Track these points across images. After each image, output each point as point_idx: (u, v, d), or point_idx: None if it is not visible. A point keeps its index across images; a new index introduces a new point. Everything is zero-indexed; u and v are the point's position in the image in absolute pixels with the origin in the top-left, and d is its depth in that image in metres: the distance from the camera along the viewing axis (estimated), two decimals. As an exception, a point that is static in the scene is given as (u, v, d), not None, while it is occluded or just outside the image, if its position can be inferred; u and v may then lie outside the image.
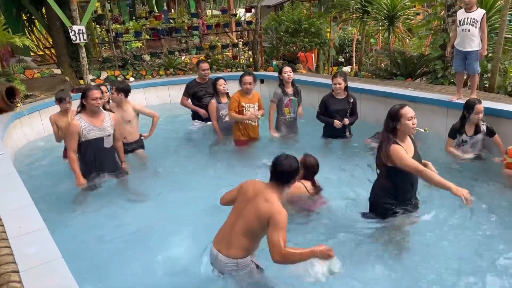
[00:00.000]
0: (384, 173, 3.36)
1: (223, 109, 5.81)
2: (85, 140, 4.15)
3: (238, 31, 14.34)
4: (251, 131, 5.65)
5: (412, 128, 3.25)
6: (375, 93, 6.77)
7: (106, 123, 4.26)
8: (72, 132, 4.09)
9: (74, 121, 4.11)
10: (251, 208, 2.75)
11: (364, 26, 9.96)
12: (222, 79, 5.82)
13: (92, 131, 4.16)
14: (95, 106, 4.10)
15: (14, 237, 2.75)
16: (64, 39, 9.18)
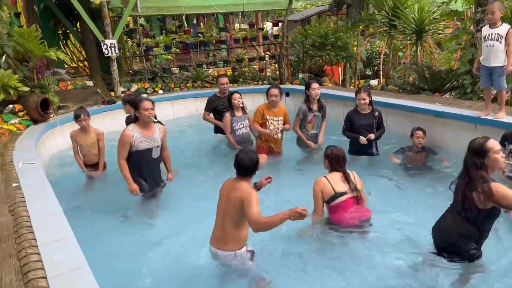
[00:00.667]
0: (473, 216, 2.89)
1: (237, 123, 5.91)
2: (136, 150, 4.26)
3: (264, 44, 14.49)
4: (273, 144, 5.73)
5: (502, 162, 2.88)
6: (402, 107, 6.69)
7: (156, 135, 4.39)
8: (124, 141, 4.20)
9: (126, 131, 4.22)
10: (228, 203, 3.19)
11: (391, 40, 9.87)
12: (237, 93, 5.93)
13: (143, 142, 4.28)
14: (147, 116, 4.20)
15: (43, 244, 2.86)
16: (97, 52, 9.51)
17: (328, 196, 3.74)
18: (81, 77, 11.09)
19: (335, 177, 3.81)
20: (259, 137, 5.79)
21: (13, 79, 6.44)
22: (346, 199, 3.73)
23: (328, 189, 3.74)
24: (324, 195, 3.75)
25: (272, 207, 4.45)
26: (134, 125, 4.29)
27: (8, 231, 3.22)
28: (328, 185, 3.75)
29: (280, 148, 5.87)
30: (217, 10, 12.61)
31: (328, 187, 3.74)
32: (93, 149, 5.39)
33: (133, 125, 4.29)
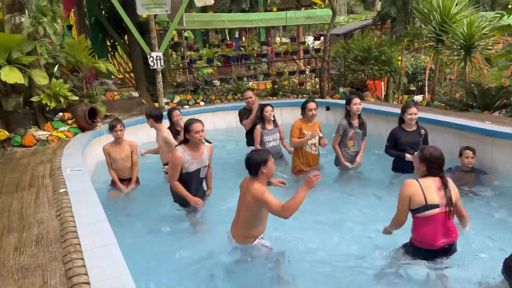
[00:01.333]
0: None
1: (267, 136, 5.91)
2: (186, 172, 4.23)
3: (305, 58, 14.47)
4: (311, 160, 5.58)
5: None
6: (450, 125, 6.41)
7: (205, 155, 4.34)
8: (176, 164, 4.16)
9: (178, 153, 4.16)
10: (243, 203, 3.48)
11: (438, 55, 9.58)
12: (269, 106, 5.93)
13: (193, 164, 4.24)
14: (199, 139, 4.15)
15: (87, 250, 2.92)
16: (143, 64, 9.82)
17: (417, 205, 3.21)
18: (127, 88, 11.48)
19: (430, 184, 3.22)
20: (295, 156, 5.60)
21: (64, 88, 6.74)
22: (438, 214, 3.19)
23: (419, 198, 3.19)
24: (412, 203, 3.23)
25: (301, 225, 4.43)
26: (184, 147, 4.22)
27: (54, 235, 3.32)
28: (420, 193, 3.19)
29: (317, 162, 5.72)
30: (259, 24, 12.76)
31: (419, 195, 3.19)
32: (127, 163, 5.25)
33: (183, 146, 4.23)
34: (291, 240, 4.16)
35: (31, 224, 3.59)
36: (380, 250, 3.82)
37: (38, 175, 4.95)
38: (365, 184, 5.60)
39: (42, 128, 6.67)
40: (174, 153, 4.20)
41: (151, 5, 8.69)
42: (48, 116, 6.86)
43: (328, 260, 3.83)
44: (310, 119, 5.43)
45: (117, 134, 5.14)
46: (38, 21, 6.54)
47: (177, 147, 4.27)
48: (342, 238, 4.22)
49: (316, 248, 4.03)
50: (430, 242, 3.25)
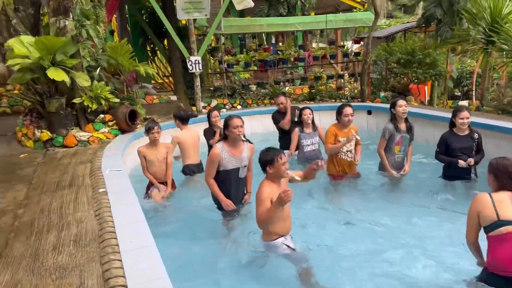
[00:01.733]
0: None
1: (305, 139, 5.74)
2: (223, 169, 4.10)
3: (345, 62, 14.16)
4: (346, 167, 5.24)
5: None
6: (504, 130, 5.99)
7: (244, 154, 4.17)
8: (213, 160, 4.06)
9: (216, 149, 4.06)
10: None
11: (487, 57, 9.06)
12: (308, 109, 5.76)
13: (231, 161, 4.09)
14: (237, 134, 4.01)
15: (125, 251, 2.83)
16: (182, 68, 9.88)
17: (487, 221, 2.83)
18: (165, 92, 11.59)
19: (504, 198, 2.84)
20: (330, 162, 5.28)
21: (105, 90, 6.82)
22: None
23: (489, 213, 2.81)
24: (482, 220, 2.86)
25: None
26: (223, 143, 4.10)
27: (93, 235, 3.27)
28: (491, 207, 2.82)
29: (354, 170, 5.37)
30: (298, 28, 12.58)
31: (489, 209, 2.81)
32: (163, 165, 5.11)
33: (222, 143, 4.11)
34: (328, 248, 3.97)
35: (70, 223, 3.56)
36: (436, 273, 3.49)
37: (78, 175, 4.97)
38: (412, 192, 5.25)
39: (84, 129, 6.76)
40: (212, 150, 4.12)
41: (191, 10, 8.73)
42: (90, 117, 6.96)
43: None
44: (346, 125, 5.09)
45: (154, 136, 5.02)
46: (81, 24, 6.66)
47: (216, 143, 4.18)
48: (381, 255, 3.88)
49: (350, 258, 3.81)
50: (506, 266, 2.77)
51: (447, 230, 4.21)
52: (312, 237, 4.14)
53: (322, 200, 5.18)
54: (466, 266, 3.47)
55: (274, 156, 3.37)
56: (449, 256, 3.73)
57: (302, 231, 4.18)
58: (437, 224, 4.39)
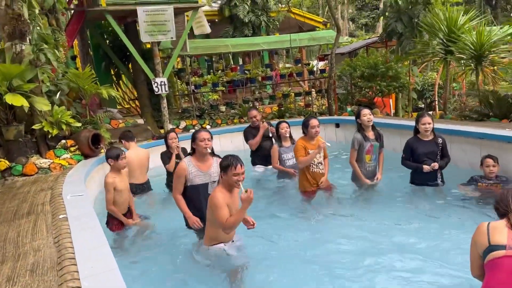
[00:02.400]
0: None
1: (285, 153, 5.73)
2: (191, 185, 3.97)
3: (311, 79, 14.37)
4: (319, 179, 5.18)
5: None
6: (468, 134, 6.12)
7: (213, 169, 4.01)
8: (179, 175, 3.95)
9: (183, 164, 3.96)
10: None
11: (447, 66, 9.37)
12: (285, 123, 5.78)
13: (198, 176, 3.96)
14: (204, 148, 3.90)
15: (85, 277, 2.63)
16: (147, 91, 9.74)
17: (481, 249, 2.57)
18: (132, 116, 11.36)
19: (499, 225, 2.58)
20: (303, 177, 5.19)
21: (66, 115, 6.58)
22: (503, 257, 2.42)
23: (483, 240, 2.56)
24: (479, 249, 2.59)
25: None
26: (191, 158, 4.00)
27: (51, 263, 3.04)
28: (485, 234, 2.56)
29: (327, 182, 5.30)
30: (263, 47, 12.71)
31: (483, 236, 2.56)
32: (129, 193, 4.80)
33: (189, 158, 4.01)
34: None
35: (26, 252, 3.31)
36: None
37: (37, 203, 4.69)
38: (383, 199, 5.27)
39: (44, 156, 6.47)
40: (179, 164, 4.02)
41: (155, 32, 8.66)
42: (50, 144, 6.68)
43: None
44: (313, 137, 5.08)
45: (124, 163, 4.61)
46: (39, 48, 6.46)
47: (184, 158, 4.13)
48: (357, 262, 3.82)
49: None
50: None
51: (419, 234, 4.24)
52: (272, 243, 4.21)
53: (292, 208, 5.22)
54: (434, 269, 3.53)
55: (229, 164, 3.37)
56: (419, 259, 3.73)
57: (263, 237, 4.23)
58: (408, 228, 4.41)
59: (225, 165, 3.38)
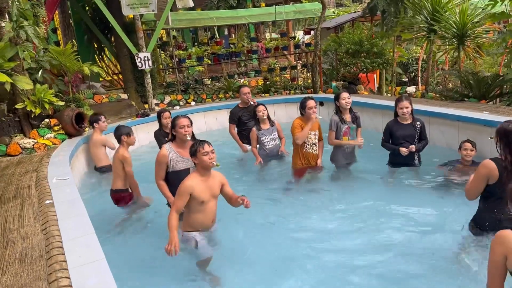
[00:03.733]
0: None
1: (264, 136, 5.71)
2: (173, 170, 4.04)
3: (296, 53, 14.31)
4: (311, 160, 5.35)
5: None
6: (446, 116, 6.28)
7: None
8: (160, 161, 4.00)
9: (163, 150, 4.01)
10: None
11: (430, 45, 9.45)
12: (262, 105, 5.71)
13: (179, 162, 4.03)
14: (183, 134, 3.95)
15: (74, 267, 2.74)
16: (131, 65, 9.60)
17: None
18: (116, 90, 11.25)
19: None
20: (295, 155, 5.36)
21: (49, 94, 6.51)
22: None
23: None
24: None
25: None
26: (171, 144, 4.06)
27: (39, 251, 3.13)
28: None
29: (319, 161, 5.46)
30: (248, 20, 12.55)
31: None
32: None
33: (170, 144, 4.06)
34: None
35: (15, 240, 3.39)
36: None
37: (23, 186, 4.74)
38: (364, 177, 5.48)
39: (28, 136, 6.45)
40: (160, 151, 4.06)
41: (137, 5, 8.48)
42: (34, 123, 6.63)
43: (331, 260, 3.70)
44: (310, 118, 5.12)
45: (134, 139, 4.93)
46: (19, 25, 6.30)
47: (164, 144, 4.13)
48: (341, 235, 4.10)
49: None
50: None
51: (395, 214, 4.46)
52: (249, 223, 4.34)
53: (275, 188, 5.38)
54: (418, 249, 3.73)
55: (196, 148, 3.44)
56: (401, 237, 3.97)
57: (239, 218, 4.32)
58: (384, 208, 4.61)
59: (193, 150, 3.47)
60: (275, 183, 5.53)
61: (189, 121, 4.04)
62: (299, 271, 3.56)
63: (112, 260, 2.86)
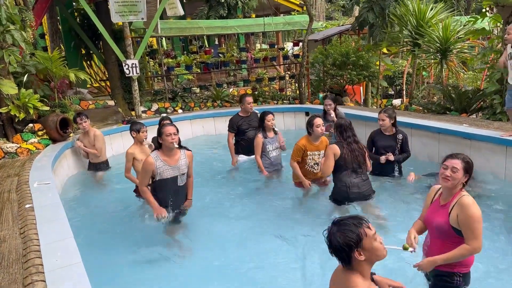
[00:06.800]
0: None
1: (270, 144, 5.59)
2: (160, 179, 4.07)
3: (285, 64, 14.45)
4: (311, 176, 5.18)
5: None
6: (428, 128, 6.42)
7: (181, 162, 4.14)
8: (146, 169, 4.02)
9: (150, 158, 4.02)
10: None
11: (415, 59, 9.65)
12: (271, 114, 5.54)
13: (167, 170, 4.06)
14: (170, 142, 3.97)
15: (50, 271, 2.74)
16: (118, 72, 9.60)
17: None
18: (103, 97, 11.22)
19: None
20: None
21: (34, 98, 6.49)
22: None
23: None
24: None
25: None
26: (158, 152, 4.07)
27: (17, 254, 3.13)
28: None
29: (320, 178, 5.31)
30: (237, 30, 12.67)
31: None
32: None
33: (157, 152, 4.08)
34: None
35: (-8, 243, 3.38)
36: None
37: (3, 190, 4.71)
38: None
39: (11, 140, 6.41)
40: (146, 159, 4.09)
41: (126, 13, 8.51)
42: (18, 127, 6.59)
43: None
44: (318, 137, 4.98)
45: (144, 135, 5.11)
46: (6, 29, 6.29)
47: (151, 152, 4.17)
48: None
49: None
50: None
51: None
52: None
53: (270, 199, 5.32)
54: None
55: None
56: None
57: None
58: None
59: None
60: (277, 193, 5.43)
61: (176, 128, 4.06)
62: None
63: (91, 264, 2.87)
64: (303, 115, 9.27)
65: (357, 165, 4.45)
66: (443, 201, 2.84)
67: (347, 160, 4.40)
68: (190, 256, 4.02)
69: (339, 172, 4.49)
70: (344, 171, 4.44)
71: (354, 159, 4.43)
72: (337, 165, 4.44)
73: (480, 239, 2.63)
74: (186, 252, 4.08)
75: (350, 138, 4.50)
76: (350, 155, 4.41)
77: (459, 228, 2.69)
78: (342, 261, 2.10)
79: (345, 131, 4.50)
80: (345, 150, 4.41)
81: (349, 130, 4.53)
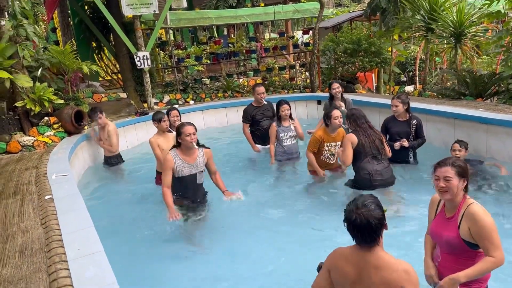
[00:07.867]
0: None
1: (284, 133, 5.62)
2: (179, 176, 4.15)
3: (295, 53, 14.36)
4: (324, 167, 5.20)
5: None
6: (443, 114, 6.33)
7: (199, 160, 4.21)
8: (166, 167, 4.09)
9: (169, 156, 4.09)
10: None
11: (428, 44, 9.50)
12: (286, 105, 5.55)
13: (185, 168, 4.14)
14: (190, 142, 4.04)
15: (73, 259, 2.79)
16: (130, 64, 9.64)
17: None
18: (115, 89, 11.28)
19: None
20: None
21: (48, 92, 6.56)
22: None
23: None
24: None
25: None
26: (176, 151, 4.15)
27: (39, 244, 3.19)
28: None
29: (337, 164, 5.32)
30: (247, 20, 12.60)
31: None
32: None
33: (175, 150, 4.16)
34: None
35: (15, 233, 3.45)
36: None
37: (23, 182, 4.79)
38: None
39: (28, 134, 6.49)
40: (165, 156, 4.15)
41: (137, 5, 8.52)
42: (33, 121, 6.67)
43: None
44: (335, 129, 5.00)
45: (166, 125, 5.14)
46: (19, 24, 6.35)
47: (170, 150, 4.21)
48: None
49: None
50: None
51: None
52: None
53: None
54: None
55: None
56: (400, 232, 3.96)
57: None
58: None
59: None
60: (291, 182, 5.46)
61: (194, 128, 4.12)
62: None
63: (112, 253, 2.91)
64: (315, 103, 9.23)
65: (376, 151, 4.49)
66: (449, 213, 2.57)
67: (365, 146, 4.45)
68: (210, 249, 4.04)
69: (360, 160, 4.52)
70: (364, 158, 4.48)
71: (372, 144, 4.47)
72: (356, 153, 4.48)
73: (501, 248, 2.38)
74: (205, 244, 4.13)
75: (364, 124, 4.55)
76: (367, 141, 4.47)
77: (471, 241, 2.45)
78: (372, 240, 2.15)
79: (358, 119, 4.57)
80: (362, 137, 4.47)
81: (361, 117, 4.59)
